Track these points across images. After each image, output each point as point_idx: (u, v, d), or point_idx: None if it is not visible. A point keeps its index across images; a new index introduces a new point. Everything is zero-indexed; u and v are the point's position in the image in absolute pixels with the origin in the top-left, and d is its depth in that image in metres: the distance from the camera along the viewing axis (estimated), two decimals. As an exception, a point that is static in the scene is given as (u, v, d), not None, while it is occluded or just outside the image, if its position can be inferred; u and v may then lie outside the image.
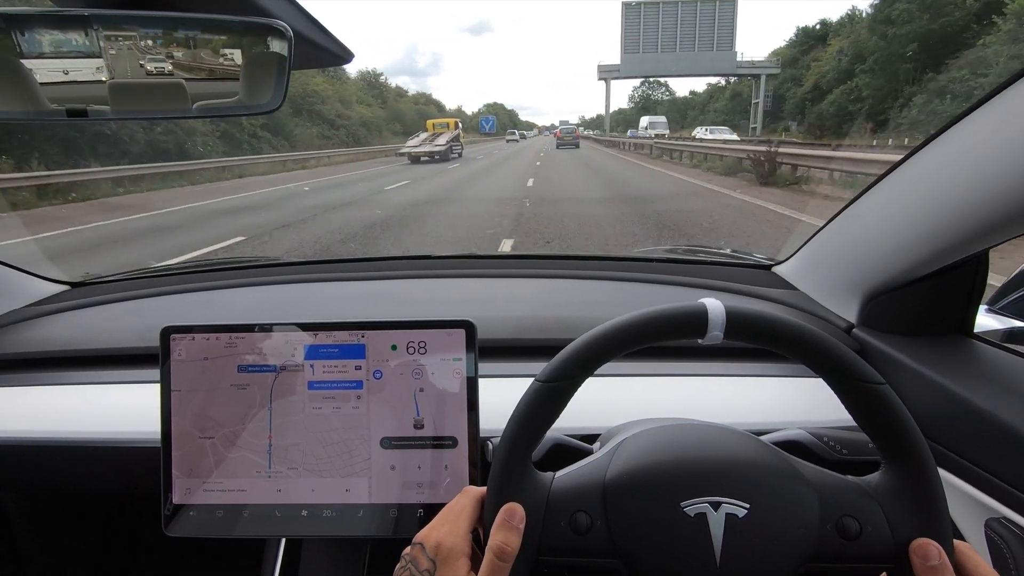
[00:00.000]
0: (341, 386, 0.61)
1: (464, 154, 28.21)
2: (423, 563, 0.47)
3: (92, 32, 0.53)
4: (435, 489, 0.60)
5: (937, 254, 0.68)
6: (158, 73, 0.55)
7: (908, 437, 0.47)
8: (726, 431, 0.55)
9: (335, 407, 0.61)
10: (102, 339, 0.96)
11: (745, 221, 7.24)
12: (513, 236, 6.45)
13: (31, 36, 0.53)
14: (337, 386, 0.61)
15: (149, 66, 0.55)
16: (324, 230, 7.33)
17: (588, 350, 0.50)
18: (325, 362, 0.61)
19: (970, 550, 0.46)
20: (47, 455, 0.79)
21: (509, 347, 0.88)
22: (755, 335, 0.49)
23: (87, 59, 0.54)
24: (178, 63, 0.55)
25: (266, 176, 17.64)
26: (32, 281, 1.13)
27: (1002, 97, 0.56)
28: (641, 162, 20.43)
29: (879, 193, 0.77)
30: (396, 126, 51.47)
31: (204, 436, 0.61)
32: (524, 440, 0.51)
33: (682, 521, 0.47)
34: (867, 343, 0.81)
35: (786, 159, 11.42)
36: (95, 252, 6.38)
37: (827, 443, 0.63)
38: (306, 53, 0.60)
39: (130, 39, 0.53)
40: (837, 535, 0.47)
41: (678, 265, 1.20)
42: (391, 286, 1.17)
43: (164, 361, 0.62)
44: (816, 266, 0.98)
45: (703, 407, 0.75)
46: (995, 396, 0.63)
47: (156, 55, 0.54)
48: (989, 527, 0.60)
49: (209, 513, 0.61)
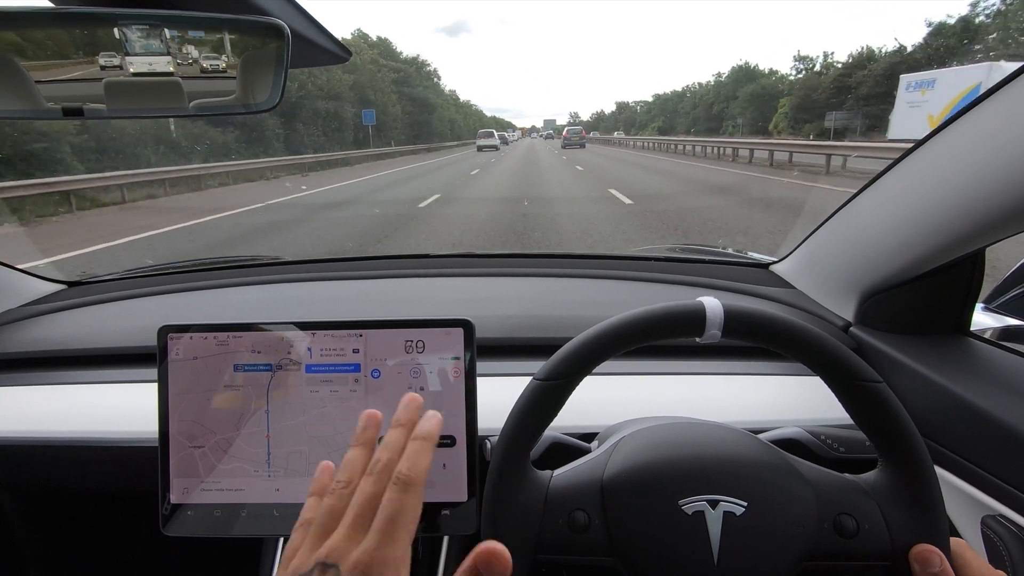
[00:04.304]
0: (339, 385, 0.61)
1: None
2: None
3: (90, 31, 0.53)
4: (433, 488, 0.60)
5: (934, 253, 0.68)
6: (155, 71, 0.55)
7: (905, 435, 0.47)
8: (724, 429, 0.55)
9: (333, 406, 0.61)
10: (99, 338, 0.95)
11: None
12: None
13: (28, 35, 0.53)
14: (335, 385, 0.61)
15: (146, 64, 0.54)
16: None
17: (586, 349, 0.50)
18: (322, 361, 0.61)
19: (964, 547, 0.46)
20: (44, 455, 0.79)
21: (507, 346, 0.88)
22: (753, 334, 0.49)
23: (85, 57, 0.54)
24: (175, 61, 0.55)
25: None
26: (28, 280, 1.13)
27: (998, 97, 0.57)
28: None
29: (876, 192, 0.78)
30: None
31: (200, 440, 0.61)
32: (522, 439, 0.51)
33: (680, 519, 0.47)
34: (864, 342, 0.81)
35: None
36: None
37: (824, 441, 0.64)
38: (304, 52, 0.60)
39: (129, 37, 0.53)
40: (834, 533, 0.47)
41: (676, 264, 1.21)
42: (389, 285, 1.17)
43: (161, 360, 0.61)
44: (813, 265, 0.98)
45: (701, 405, 0.76)
46: (991, 394, 0.63)
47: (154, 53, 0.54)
48: (985, 524, 0.60)
49: (207, 513, 0.61)
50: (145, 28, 0.53)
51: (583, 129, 40.84)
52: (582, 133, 38.26)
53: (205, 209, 9.16)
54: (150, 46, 0.54)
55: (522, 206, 8.44)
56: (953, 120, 0.62)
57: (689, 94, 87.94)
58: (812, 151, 14.11)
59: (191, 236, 6.96)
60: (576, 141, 35.68)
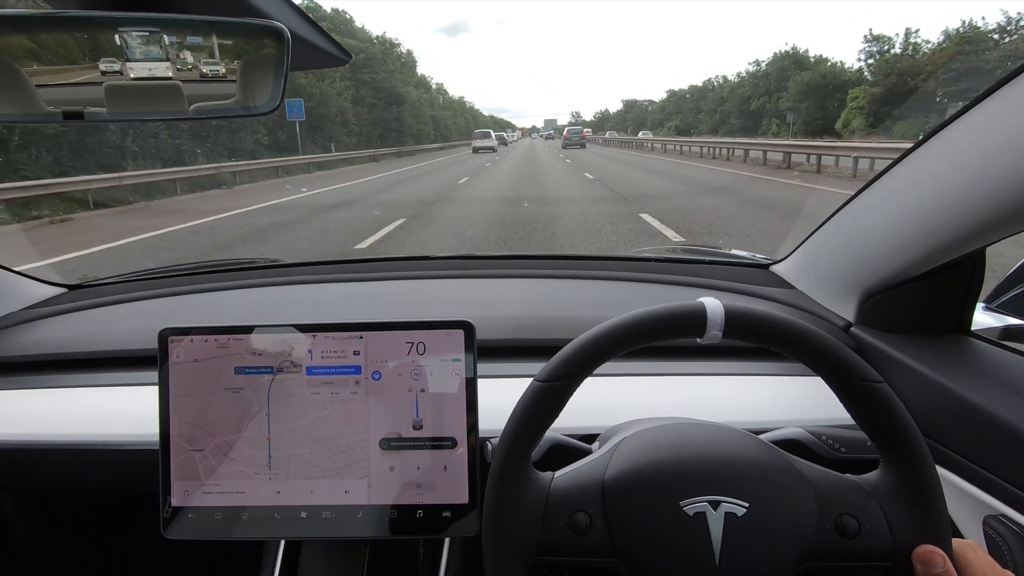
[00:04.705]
0: (339, 387, 0.61)
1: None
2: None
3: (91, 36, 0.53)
4: (434, 490, 0.60)
5: (934, 252, 0.68)
6: (155, 75, 0.55)
7: (906, 435, 0.47)
8: (725, 430, 0.55)
9: (334, 408, 0.61)
10: (100, 341, 0.96)
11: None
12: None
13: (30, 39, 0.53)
14: (335, 387, 0.61)
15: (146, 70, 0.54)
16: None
17: (587, 350, 0.50)
18: (323, 363, 0.61)
19: (967, 547, 0.46)
20: (45, 458, 0.79)
21: (508, 347, 0.88)
22: (754, 334, 0.49)
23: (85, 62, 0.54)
24: (175, 65, 0.55)
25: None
26: (29, 284, 1.13)
27: (999, 95, 0.57)
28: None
29: (876, 192, 0.78)
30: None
31: (201, 443, 0.61)
32: (523, 440, 0.51)
33: (681, 520, 0.47)
34: (865, 341, 0.81)
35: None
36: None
37: (826, 441, 0.64)
38: (304, 54, 0.60)
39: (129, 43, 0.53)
40: (836, 533, 0.47)
41: (676, 264, 1.21)
42: (389, 287, 1.17)
43: (162, 363, 0.61)
44: (814, 265, 0.98)
45: (702, 406, 0.75)
46: (993, 394, 0.63)
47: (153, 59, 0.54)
48: (987, 524, 0.60)
49: (208, 515, 0.61)
50: (145, 35, 0.53)
51: (583, 129, 41.00)
52: (583, 133, 38.58)
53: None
54: (150, 52, 0.54)
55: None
56: (953, 119, 0.62)
57: (713, 89, 76.65)
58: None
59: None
60: (576, 141, 35.98)
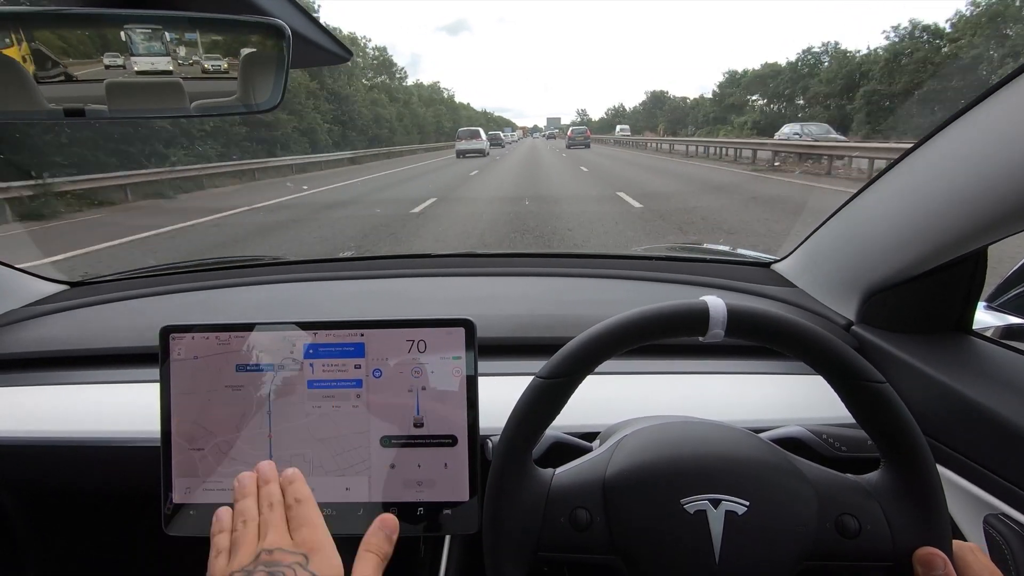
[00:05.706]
0: (340, 385, 0.61)
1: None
2: (287, 558, 0.45)
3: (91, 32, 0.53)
4: (435, 488, 0.60)
5: (936, 251, 0.68)
6: (156, 72, 0.55)
7: (907, 435, 0.47)
8: (726, 428, 0.55)
9: (335, 406, 0.61)
10: (101, 339, 0.96)
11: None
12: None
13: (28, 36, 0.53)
14: (336, 385, 0.61)
15: (148, 64, 0.54)
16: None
17: (588, 347, 0.50)
18: (324, 361, 0.61)
19: (966, 550, 0.46)
20: (46, 455, 0.79)
21: (509, 345, 0.88)
22: (756, 333, 0.49)
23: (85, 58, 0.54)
24: (176, 62, 0.55)
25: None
26: (31, 281, 1.13)
27: (1000, 94, 0.56)
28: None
29: (878, 190, 0.77)
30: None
31: (201, 441, 0.61)
32: (524, 437, 0.51)
33: (682, 518, 0.47)
34: (866, 340, 0.81)
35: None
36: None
37: (826, 440, 0.63)
38: (305, 52, 0.60)
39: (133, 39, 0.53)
40: (836, 533, 0.47)
41: (678, 263, 1.20)
42: (390, 285, 1.17)
43: (163, 361, 0.62)
44: (815, 263, 0.98)
45: (703, 404, 0.75)
46: (994, 393, 0.63)
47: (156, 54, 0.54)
48: (988, 523, 0.60)
49: (209, 512, 0.61)
50: (147, 31, 0.53)
51: (587, 130, 40.88)
52: (587, 133, 38.48)
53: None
54: (152, 47, 0.54)
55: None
56: (954, 118, 0.62)
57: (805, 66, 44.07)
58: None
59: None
60: (580, 141, 35.88)
